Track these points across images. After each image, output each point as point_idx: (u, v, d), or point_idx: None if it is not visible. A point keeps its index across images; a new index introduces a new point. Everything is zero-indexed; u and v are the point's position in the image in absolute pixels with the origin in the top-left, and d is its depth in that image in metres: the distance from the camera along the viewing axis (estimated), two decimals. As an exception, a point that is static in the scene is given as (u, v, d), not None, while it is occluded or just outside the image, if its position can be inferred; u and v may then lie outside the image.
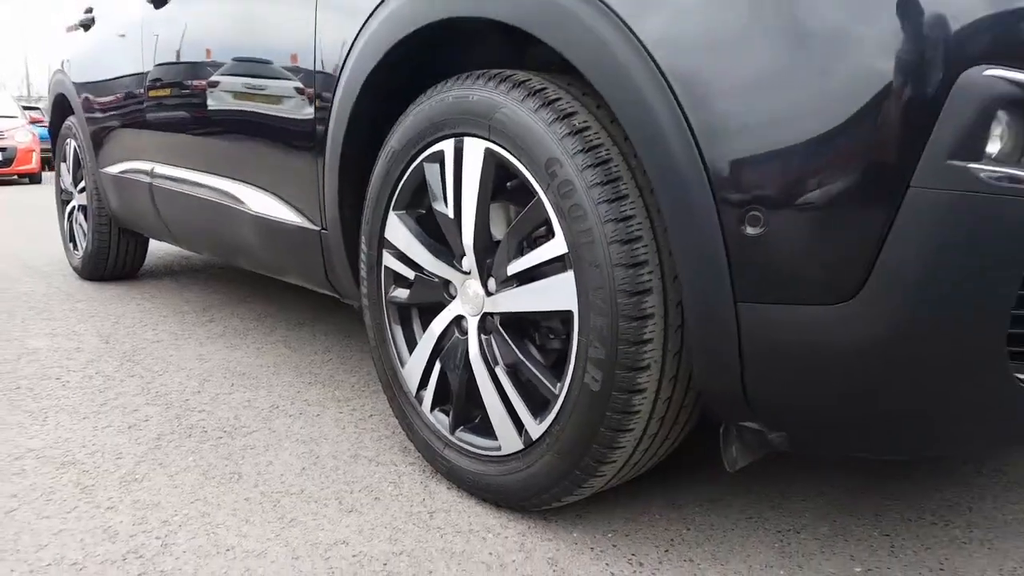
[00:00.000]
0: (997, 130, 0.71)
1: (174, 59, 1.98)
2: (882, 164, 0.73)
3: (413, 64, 1.25)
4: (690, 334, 0.89)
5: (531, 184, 1.00)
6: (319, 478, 1.27)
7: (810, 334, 0.79)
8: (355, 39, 1.28)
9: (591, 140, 0.94)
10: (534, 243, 1.05)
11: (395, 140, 1.23)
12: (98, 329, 2.30)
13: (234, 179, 1.77)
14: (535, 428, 1.06)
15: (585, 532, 1.10)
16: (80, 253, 3.08)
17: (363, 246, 1.34)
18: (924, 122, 0.71)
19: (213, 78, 1.78)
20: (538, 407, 1.07)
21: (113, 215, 2.77)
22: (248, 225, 1.73)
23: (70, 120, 3.03)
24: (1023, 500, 1.22)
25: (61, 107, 3.14)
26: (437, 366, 1.23)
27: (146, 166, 2.28)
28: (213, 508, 1.17)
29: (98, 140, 2.68)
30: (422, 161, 1.19)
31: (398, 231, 1.26)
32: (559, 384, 1.01)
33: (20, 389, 1.75)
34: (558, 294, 0.99)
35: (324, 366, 1.91)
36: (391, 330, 1.32)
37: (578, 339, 0.97)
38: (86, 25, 2.75)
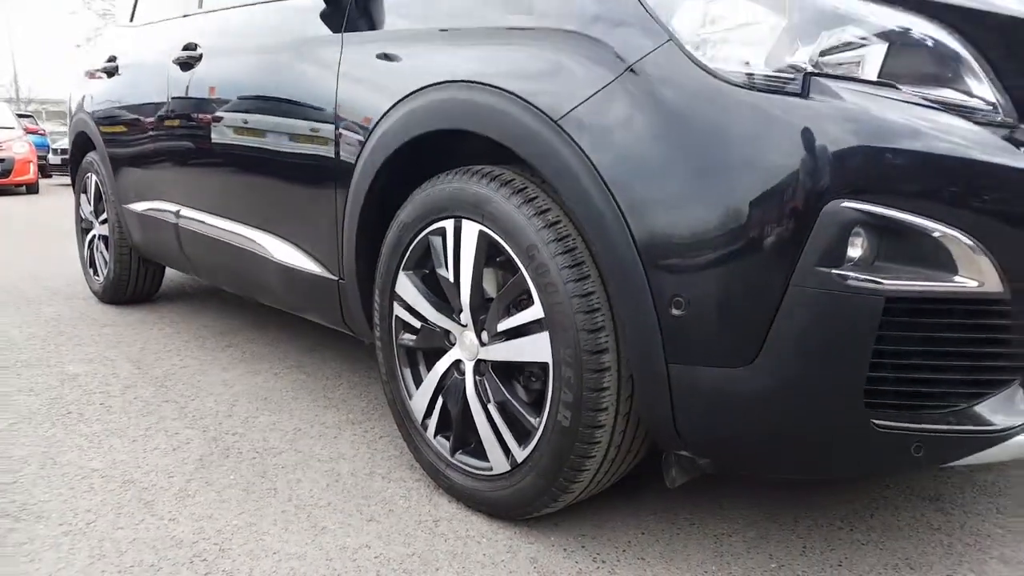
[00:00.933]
0: (852, 246, 0.98)
1: (204, 117, 2.23)
2: (770, 269, 1.00)
3: (422, 149, 1.51)
4: (636, 385, 1.16)
5: (515, 262, 1.27)
6: (342, 492, 1.54)
7: (722, 388, 1.06)
8: (369, 134, 1.54)
9: (561, 232, 1.21)
10: (519, 305, 1.31)
11: (405, 215, 1.50)
12: (128, 355, 2.54)
13: (260, 229, 2.03)
14: (520, 453, 1.33)
15: (560, 536, 1.36)
16: (101, 279, 3.32)
17: (376, 297, 1.61)
18: (800, 238, 0.99)
19: (243, 142, 2.04)
20: (522, 436, 1.33)
21: (135, 246, 3.01)
22: (272, 271, 1.99)
23: (91, 156, 3.27)
24: (916, 508, 1.49)
25: (82, 143, 3.38)
26: (439, 400, 1.49)
27: (171, 207, 2.53)
28: (257, 519, 1.43)
29: (122, 179, 2.93)
30: (427, 234, 1.46)
31: (407, 288, 1.53)
32: (538, 419, 1.28)
33: (71, 415, 1.99)
34: (537, 349, 1.25)
35: (336, 390, 2.17)
36: (400, 369, 1.58)
37: (552, 385, 1.23)
38: (110, 72, 3.00)
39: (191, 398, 2.11)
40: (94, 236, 3.38)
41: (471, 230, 1.35)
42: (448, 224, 1.40)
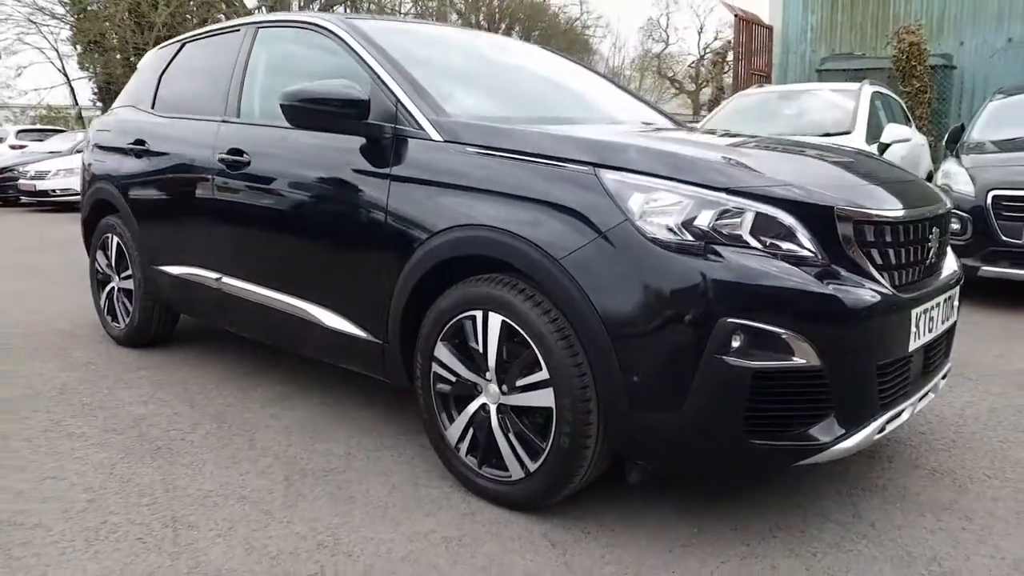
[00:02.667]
0: (734, 342, 1.73)
1: (253, 212, 2.83)
2: (688, 356, 1.74)
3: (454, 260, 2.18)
4: (607, 423, 1.88)
5: (529, 342, 1.97)
6: (400, 497, 2.20)
7: (663, 423, 1.80)
8: (418, 249, 2.20)
9: (559, 324, 1.91)
10: (529, 368, 2.00)
11: (444, 304, 2.18)
12: (177, 396, 3.10)
13: (310, 301, 2.64)
14: (532, 465, 2.02)
15: (560, 518, 2.07)
16: (122, 325, 3.82)
17: (418, 359, 2.28)
18: (704, 338, 1.73)
19: (294, 238, 2.66)
20: (532, 453, 2.02)
21: (164, 301, 3.55)
22: (320, 333, 2.61)
23: (112, 220, 3.76)
24: (846, 509, 2.27)
25: (100, 207, 3.87)
26: (470, 431, 2.18)
27: (211, 274, 3.10)
28: (349, 518, 2.08)
29: (153, 244, 3.46)
30: (461, 318, 2.14)
31: (443, 353, 2.20)
32: (545, 443, 1.98)
33: (161, 450, 2.57)
34: (544, 399, 1.96)
35: (364, 420, 2.81)
36: (437, 409, 2.26)
37: (556, 421, 1.94)
38: (138, 153, 3.52)
39: (252, 431, 2.71)
40: (113, 288, 3.87)
41: (496, 319, 2.04)
42: (478, 313, 2.09)
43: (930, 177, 7.80)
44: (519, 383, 2.02)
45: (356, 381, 3.15)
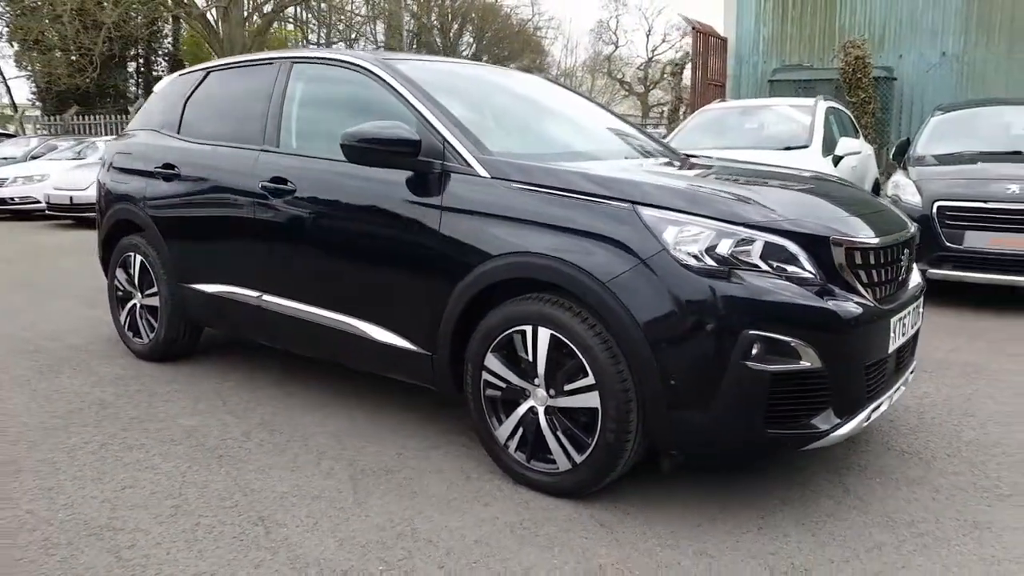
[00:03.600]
0: (754, 349, 2.10)
1: (299, 237, 3.09)
2: (717, 362, 2.10)
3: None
4: (648, 420, 2.23)
5: (577, 353, 2.30)
6: (459, 490, 2.51)
7: (696, 420, 2.16)
8: (470, 272, 2.51)
9: (604, 336, 2.25)
10: (576, 374, 2.33)
11: (493, 320, 2.49)
12: (216, 406, 3.33)
13: (358, 317, 2.92)
14: (578, 458, 2.36)
15: (603, 501, 2.40)
16: (146, 340, 4.00)
17: (469, 368, 2.58)
18: (730, 347, 2.09)
19: (339, 260, 2.94)
20: (579, 447, 2.36)
21: (193, 317, 3.77)
22: (370, 347, 2.89)
23: (135, 239, 3.95)
24: (822, 485, 2.65)
25: (121, 227, 4.06)
26: (520, 431, 2.50)
27: (251, 292, 3.34)
28: (420, 510, 2.37)
29: (183, 264, 3.67)
30: (511, 333, 2.46)
31: (493, 362, 2.52)
32: (591, 438, 2.31)
33: (224, 458, 2.81)
34: (591, 401, 2.29)
35: (408, 423, 3.09)
36: (487, 412, 2.57)
37: (601, 420, 2.27)
38: (167, 177, 3.73)
39: (303, 437, 2.97)
40: (135, 305, 4.06)
41: (545, 333, 2.37)
42: (527, 328, 2.41)
43: (877, 184, 8.42)
44: (567, 388, 2.35)
45: (385, 389, 3.43)
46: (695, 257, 2.15)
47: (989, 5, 12.31)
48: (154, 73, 27.62)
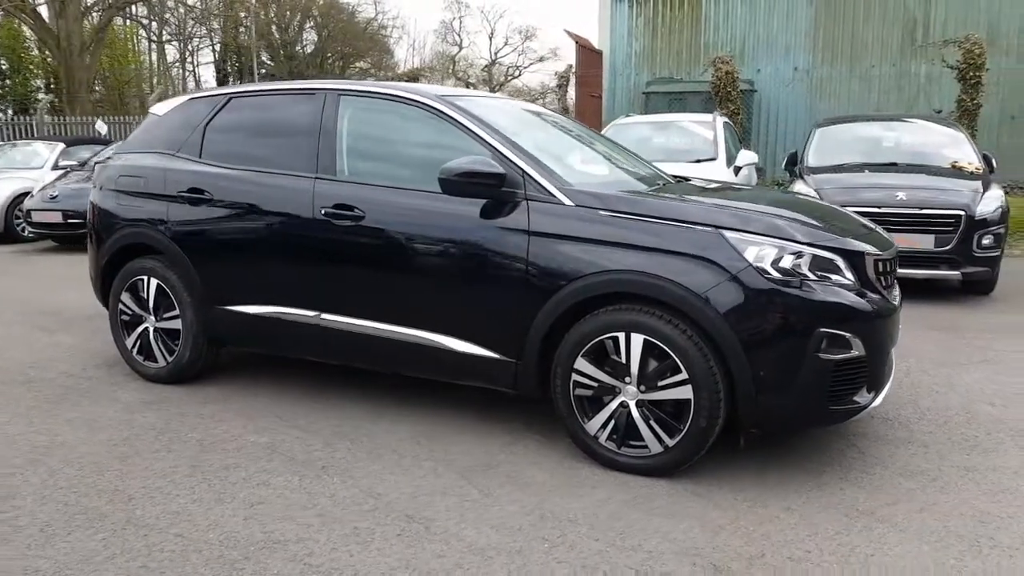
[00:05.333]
0: (824, 343, 2.65)
1: (375, 260, 3.31)
2: (798, 354, 2.63)
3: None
4: (738, 404, 2.72)
5: (670, 353, 2.75)
6: (564, 477, 2.88)
7: (778, 402, 2.68)
8: (564, 288, 2.89)
9: (697, 342, 2.72)
10: (671, 373, 2.77)
11: (585, 327, 2.89)
12: (274, 423, 3.45)
13: (436, 331, 3.20)
14: (670, 442, 2.81)
15: (693, 475, 2.86)
16: (161, 364, 4.00)
17: (558, 371, 2.96)
18: (807, 342, 2.63)
19: (425, 281, 3.21)
20: (669, 432, 2.81)
21: (221, 338, 3.85)
22: (449, 358, 3.19)
23: (148, 263, 3.95)
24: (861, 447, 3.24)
25: (128, 251, 4.04)
26: (611, 423, 2.91)
27: (307, 312, 3.50)
28: (545, 497, 2.73)
29: (219, 287, 3.75)
30: (603, 339, 2.86)
31: (584, 366, 2.92)
32: (682, 424, 2.77)
33: (328, 468, 3.00)
34: (684, 393, 2.75)
35: (483, 423, 3.39)
36: (576, 408, 2.96)
37: (694, 409, 2.74)
38: (193, 201, 3.78)
39: (386, 445, 3.21)
40: (146, 329, 4.04)
41: (638, 338, 2.80)
42: (620, 335, 2.83)
43: (763, 190, 9.47)
44: (660, 384, 2.80)
45: (430, 395, 3.71)
46: (771, 271, 2.67)
47: (832, 27, 14.05)
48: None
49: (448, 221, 3.16)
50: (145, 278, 4.00)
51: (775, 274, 2.67)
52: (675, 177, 4.11)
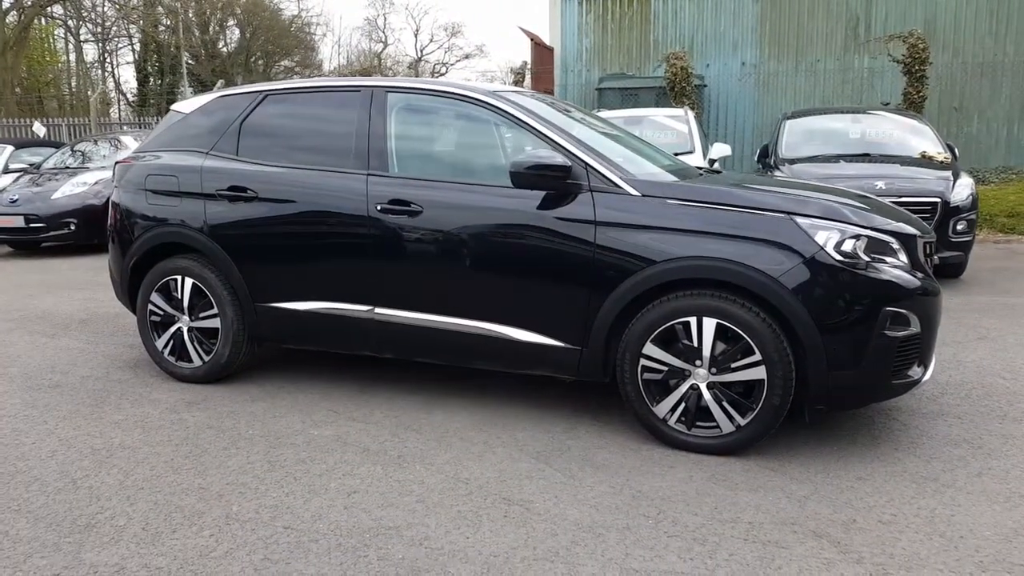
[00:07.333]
0: (889, 322, 2.84)
1: (438, 255, 3.34)
2: (866, 332, 2.82)
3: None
4: (810, 382, 2.89)
5: (743, 336, 2.89)
6: (636, 459, 2.99)
7: (848, 378, 2.86)
8: (634, 274, 3.00)
9: (771, 325, 2.87)
10: (744, 354, 2.92)
11: (653, 314, 3.01)
12: (330, 417, 3.47)
13: (499, 322, 3.26)
14: (742, 421, 2.96)
15: (765, 452, 3.02)
16: (195, 364, 3.95)
17: (627, 356, 3.07)
18: (874, 321, 2.82)
19: (492, 275, 3.26)
20: (742, 412, 2.96)
21: (264, 335, 3.81)
22: (511, 348, 3.26)
23: (183, 262, 3.89)
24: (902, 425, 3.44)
25: (159, 251, 3.96)
26: (681, 405, 3.04)
27: (359, 307, 3.52)
28: (628, 478, 2.84)
29: (264, 285, 3.72)
30: (673, 324, 2.99)
31: (652, 350, 3.04)
32: (755, 404, 2.92)
33: (403, 458, 3.03)
34: (757, 374, 2.90)
35: (527, 413, 3.47)
36: (644, 391, 3.08)
37: (768, 388, 2.89)
38: (232, 199, 3.74)
39: (451, 433, 3.26)
40: (180, 329, 3.97)
41: (710, 322, 2.93)
42: (692, 319, 2.96)
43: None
44: (733, 365, 2.94)
45: (474, 386, 3.77)
46: (836, 254, 2.84)
47: (779, 22, 14.56)
48: None
49: (509, 215, 3.23)
50: (179, 277, 3.92)
51: (841, 257, 2.84)
52: (704, 168, 4.26)
